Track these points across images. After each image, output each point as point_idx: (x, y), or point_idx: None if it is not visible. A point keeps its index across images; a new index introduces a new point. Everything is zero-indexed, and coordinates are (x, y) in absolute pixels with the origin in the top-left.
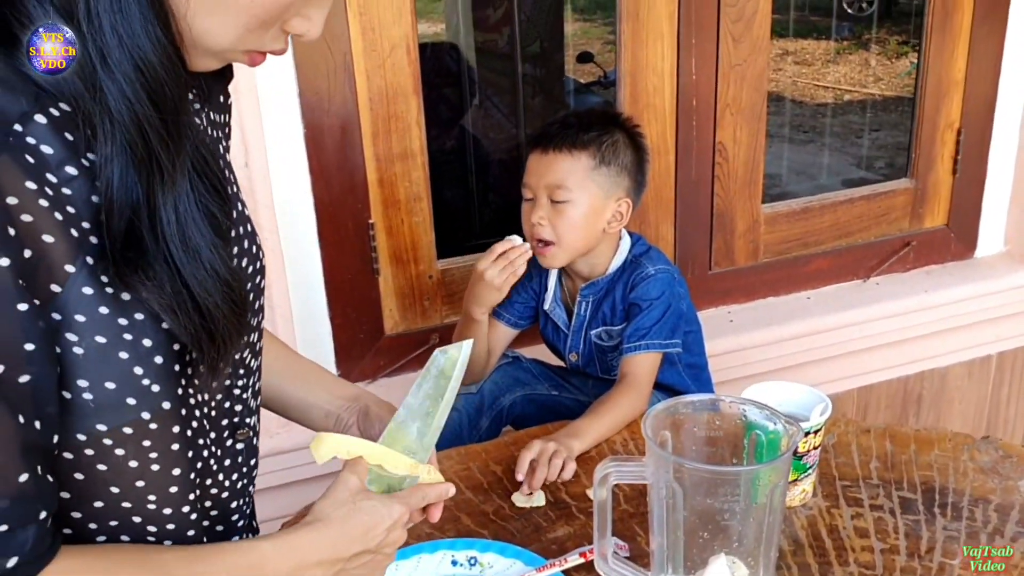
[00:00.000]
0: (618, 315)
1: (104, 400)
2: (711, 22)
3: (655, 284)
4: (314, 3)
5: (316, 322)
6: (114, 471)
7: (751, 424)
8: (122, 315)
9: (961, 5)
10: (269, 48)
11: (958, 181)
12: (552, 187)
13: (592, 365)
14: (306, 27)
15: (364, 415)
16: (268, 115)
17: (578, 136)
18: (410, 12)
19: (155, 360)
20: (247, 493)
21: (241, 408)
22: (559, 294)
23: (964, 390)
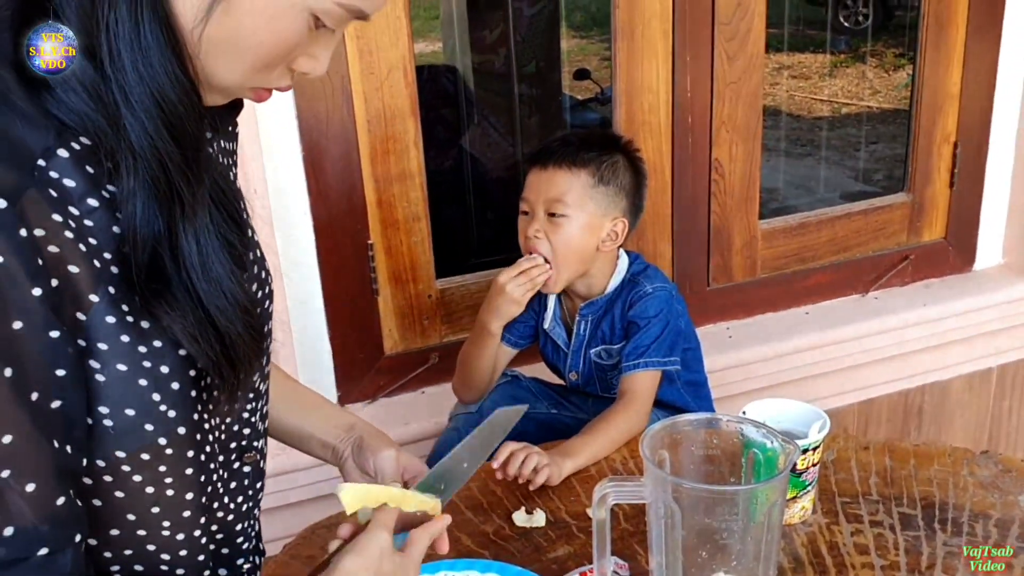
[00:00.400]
0: (617, 334)
1: (124, 426)
2: (705, 41)
3: (653, 302)
4: (321, 43)
5: (316, 342)
6: (131, 497)
7: (749, 442)
8: (142, 343)
9: (954, 20)
10: (275, 85)
11: (955, 194)
12: (551, 201)
13: (592, 384)
14: (312, 65)
15: (358, 447)
16: (267, 138)
17: (579, 153)
18: (407, 35)
19: (172, 386)
20: (252, 516)
21: (249, 431)
22: (559, 313)
23: (965, 403)
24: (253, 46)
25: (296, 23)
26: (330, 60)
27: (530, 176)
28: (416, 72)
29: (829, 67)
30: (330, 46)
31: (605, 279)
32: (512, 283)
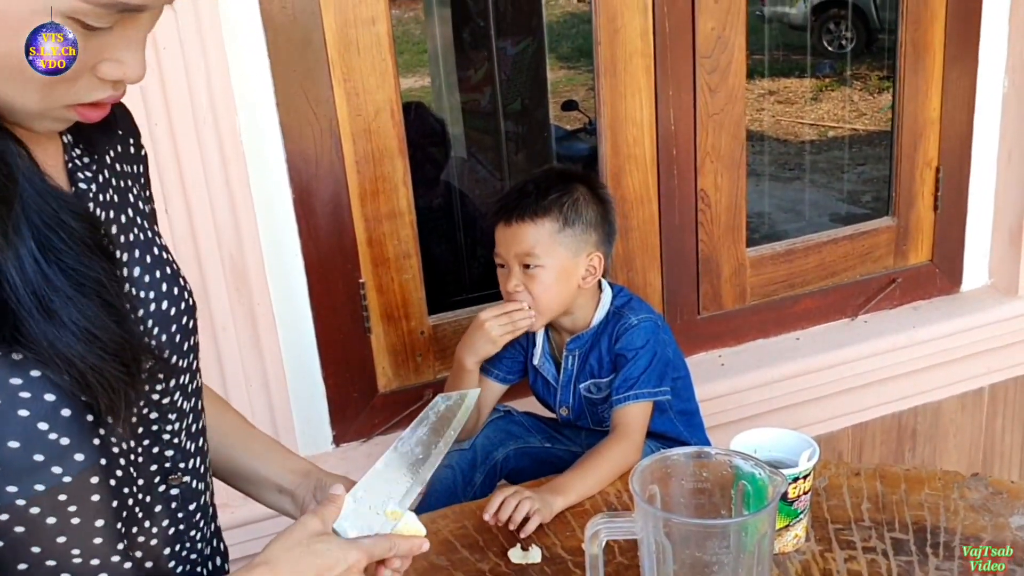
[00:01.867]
0: (605, 367)
1: (11, 461)
2: (687, 74)
3: (639, 333)
4: (118, 45)
5: (310, 382)
6: (32, 532)
7: (739, 474)
8: (14, 375)
9: (931, 47)
10: (91, 99)
11: (940, 217)
12: (521, 255)
13: (583, 418)
14: (120, 71)
15: (320, 489)
16: (256, 180)
17: (538, 203)
18: (393, 76)
19: (62, 413)
20: (185, 539)
21: (173, 452)
22: (547, 349)
23: (959, 423)
24: (16, 67)
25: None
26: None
27: (497, 232)
28: (403, 112)
29: (814, 91)
30: (134, 46)
31: (589, 313)
32: (493, 321)
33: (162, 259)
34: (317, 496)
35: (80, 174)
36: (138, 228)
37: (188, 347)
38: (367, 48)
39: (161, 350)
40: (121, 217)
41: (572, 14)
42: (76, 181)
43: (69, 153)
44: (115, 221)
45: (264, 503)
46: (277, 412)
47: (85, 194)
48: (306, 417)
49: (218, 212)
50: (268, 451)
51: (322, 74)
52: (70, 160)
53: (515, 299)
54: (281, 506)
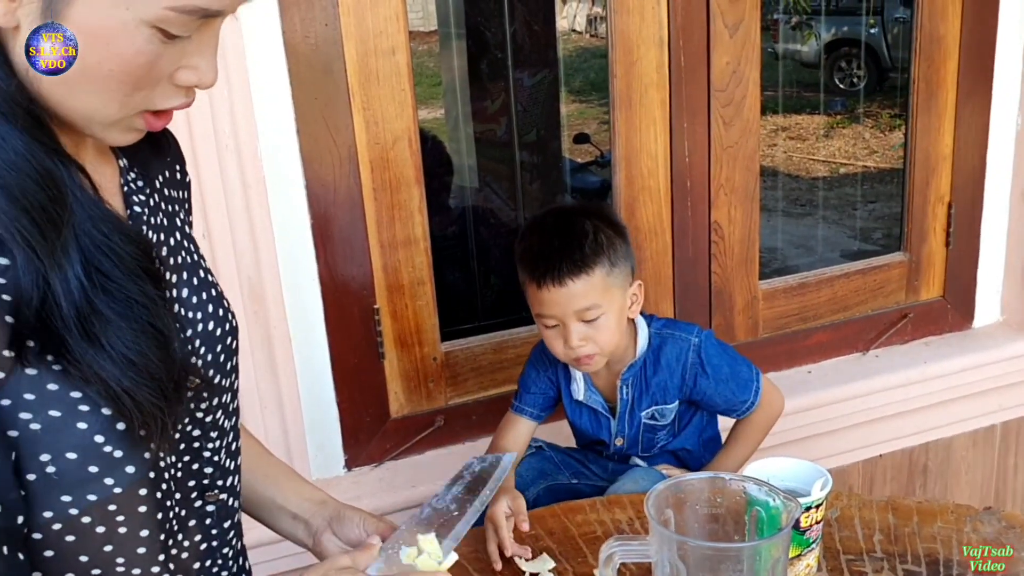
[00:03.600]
0: (671, 392)
1: (67, 472)
2: (702, 107)
3: (708, 347)
4: (192, 52)
5: (323, 406)
6: (82, 541)
7: (752, 500)
8: (74, 388)
9: (944, 84)
10: (166, 106)
11: (952, 253)
12: (581, 312)
13: (636, 446)
14: (196, 77)
15: (337, 519)
16: (276, 205)
17: (583, 255)
18: (411, 106)
19: (117, 427)
20: (218, 556)
21: (212, 470)
22: (590, 381)
23: (970, 460)
24: (106, 76)
25: (138, 40)
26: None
27: (542, 294)
28: (420, 141)
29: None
30: (207, 53)
31: (632, 342)
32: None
33: (208, 281)
34: (334, 527)
35: (135, 197)
36: (185, 251)
37: (230, 367)
38: (387, 78)
39: (206, 369)
40: (170, 240)
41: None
42: (131, 204)
43: (125, 177)
44: (165, 243)
45: (275, 529)
46: (291, 435)
47: (139, 217)
48: (319, 441)
49: (238, 235)
50: (284, 478)
51: (342, 102)
52: (125, 184)
53: (578, 356)
54: (294, 533)
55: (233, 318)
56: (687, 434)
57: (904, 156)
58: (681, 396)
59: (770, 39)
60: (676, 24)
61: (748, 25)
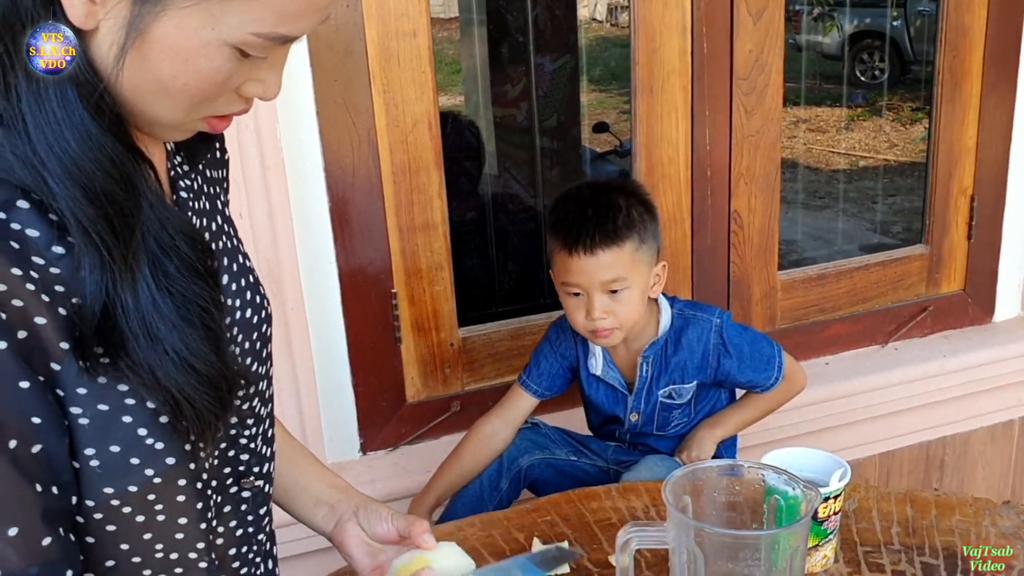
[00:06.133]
0: (689, 372)
1: (110, 463)
2: (724, 95)
3: (729, 328)
4: (263, 67)
5: (339, 390)
6: (123, 529)
7: (771, 489)
8: (122, 382)
9: (969, 75)
10: (226, 112)
11: (973, 246)
12: (608, 283)
13: (650, 424)
14: (262, 90)
15: (365, 512)
16: (294, 187)
17: (616, 226)
18: (432, 89)
19: (160, 420)
20: (253, 542)
21: (248, 456)
22: (608, 357)
23: (987, 455)
24: (179, 87)
25: (217, 59)
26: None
27: (572, 261)
28: (440, 125)
29: (846, 120)
30: (277, 68)
31: (655, 320)
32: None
33: (246, 267)
34: (360, 519)
35: (181, 182)
36: (226, 236)
37: (266, 354)
38: (407, 60)
39: (243, 357)
40: (212, 225)
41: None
42: (177, 190)
43: (171, 160)
44: (207, 229)
45: (294, 513)
46: (306, 417)
47: (185, 203)
48: (334, 424)
49: (256, 217)
50: (305, 462)
51: (362, 84)
52: (172, 168)
53: (599, 328)
54: (313, 518)
55: (268, 305)
56: (702, 416)
57: (927, 148)
58: (703, 377)
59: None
60: (699, 10)
61: (772, 12)
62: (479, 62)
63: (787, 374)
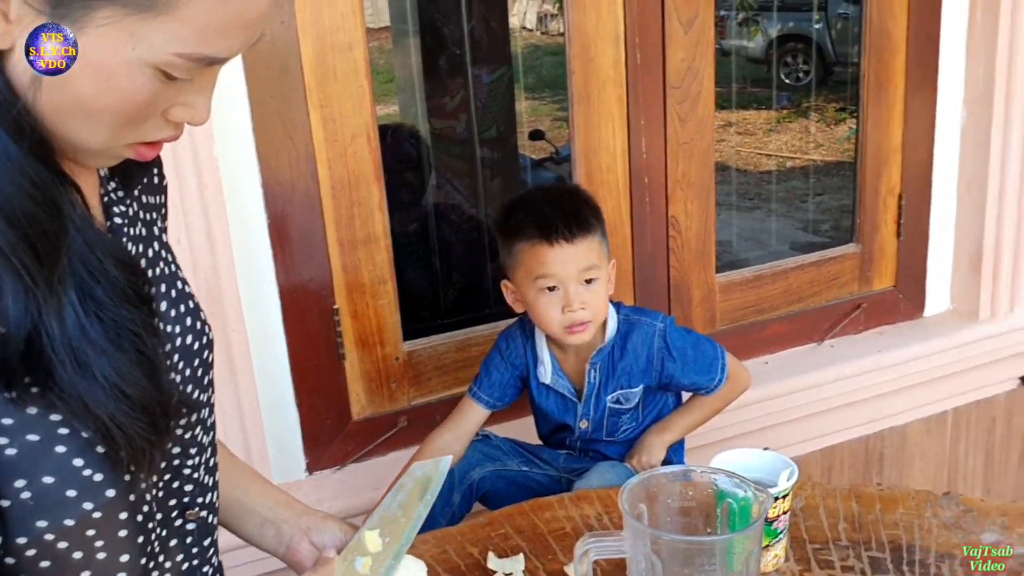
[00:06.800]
0: (635, 376)
1: (43, 496)
2: (658, 104)
3: (673, 332)
4: (191, 90)
5: (283, 409)
6: (59, 567)
7: (722, 493)
8: (54, 411)
9: (893, 78)
10: (154, 138)
11: (903, 244)
12: (584, 271)
13: (600, 430)
14: (189, 115)
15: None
16: (232, 205)
17: (587, 217)
18: (369, 102)
19: (97, 450)
20: (199, 574)
21: (192, 487)
22: (557, 365)
23: (924, 446)
24: (100, 109)
25: (139, 80)
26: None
27: (552, 252)
28: (380, 137)
29: (773, 122)
30: (205, 91)
31: (602, 326)
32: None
33: (185, 293)
34: (312, 535)
35: (115, 208)
36: (164, 262)
37: (207, 381)
38: (344, 74)
39: (185, 385)
40: (148, 251)
41: (536, 46)
42: (111, 216)
43: (105, 187)
44: (144, 255)
45: (242, 535)
46: (251, 439)
47: (119, 229)
48: (279, 444)
49: (194, 238)
50: (249, 481)
51: (299, 100)
52: (105, 194)
53: (576, 320)
54: (261, 538)
55: (210, 330)
56: (650, 420)
57: (855, 149)
58: (648, 381)
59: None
60: (632, 20)
61: (703, 21)
62: (415, 73)
63: (731, 375)
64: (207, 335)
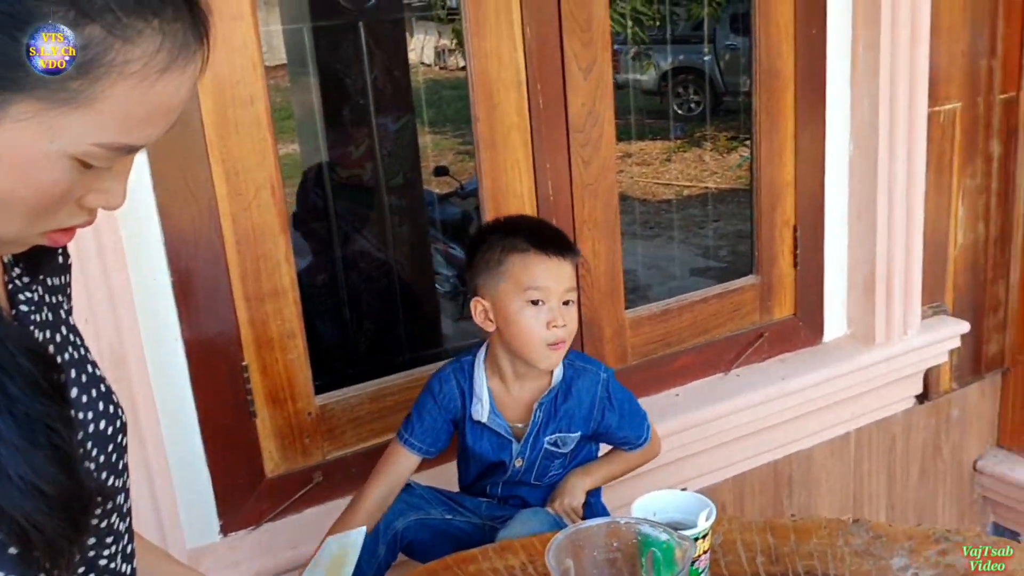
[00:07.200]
0: (576, 421)
1: None
2: (562, 148)
3: (615, 383)
4: (108, 177)
5: (194, 471)
6: None
7: (646, 541)
8: None
9: (783, 115)
10: (68, 224)
11: (800, 274)
12: (568, 290)
13: (531, 472)
14: (105, 200)
15: None
16: (134, 265)
17: (571, 241)
18: (273, 154)
19: (9, 551)
20: None
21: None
22: (494, 404)
23: (830, 468)
24: (16, 200)
25: (57, 171)
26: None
27: (543, 265)
28: (284, 188)
29: (668, 152)
30: (121, 177)
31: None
32: None
33: (95, 376)
34: None
35: (20, 295)
36: (72, 346)
37: (123, 466)
38: (246, 127)
39: (99, 472)
40: (56, 336)
41: (435, 80)
42: (16, 303)
43: (9, 273)
44: (51, 341)
45: None
46: (161, 504)
47: (25, 316)
48: (191, 507)
49: (96, 301)
50: (165, 564)
51: (200, 155)
52: (10, 280)
53: (558, 338)
54: None
55: (123, 413)
56: (575, 466)
57: (750, 183)
58: (586, 429)
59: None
60: (533, 68)
61: (601, 67)
62: (319, 125)
63: (652, 436)
64: (120, 418)
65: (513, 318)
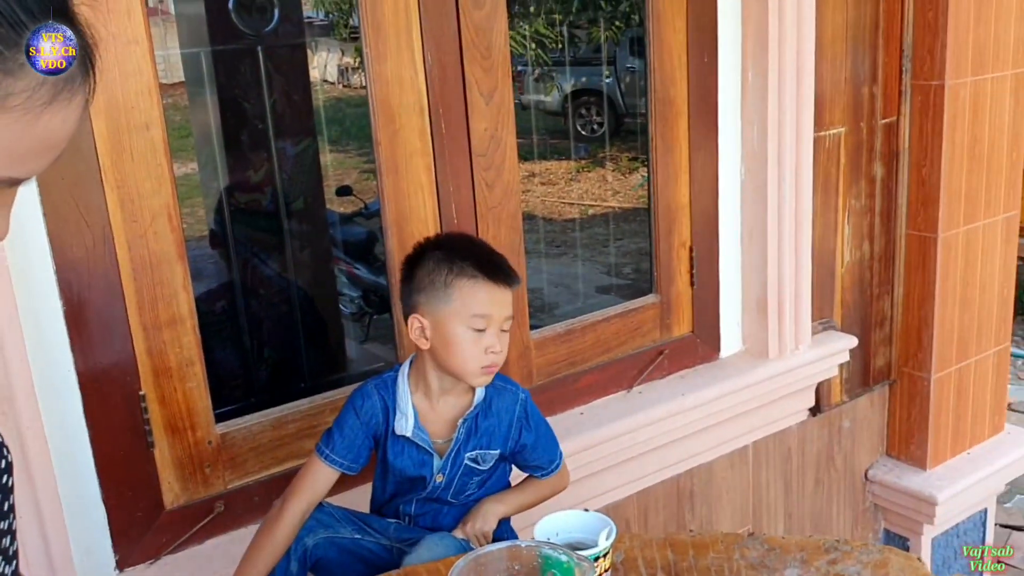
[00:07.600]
0: (497, 439)
1: None
2: (465, 171)
3: (532, 403)
4: None
5: (89, 507)
6: None
7: (547, 563)
8: None
9: (678, 140)
10: None
11: (696, 292)
12: (507, 318)
13: (449, 488)
14: None
15: None
16: (22, 295)
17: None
18: (170, 181)
19: None
20: None
21: None
22: (418, 419)
23: (729, 481)
24: None
25: None
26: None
27: (491, 293)
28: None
29: (573, 172)
30: (4, 210)
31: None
32: None
33: None
34: None
35: None
36: None
37: (8, 507)
38: (141, 153)
39: None
40: None
41: (338, 98)
42: None
43: None
44: None
45: None
46: (52, 543)
47: None
48: (85, 544)
49: None
50: None
51: (94, 181)
52: None
53: (493, 363)
54: None
55: (8, 453)
56: (490, 487)
57: (648, 206)
58: (504, 448)
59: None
60: (435, 93)
61: (502, 93)
62: (217, 150)
63: (562, 466)
64: (6, 458)
65: (454, 340)
